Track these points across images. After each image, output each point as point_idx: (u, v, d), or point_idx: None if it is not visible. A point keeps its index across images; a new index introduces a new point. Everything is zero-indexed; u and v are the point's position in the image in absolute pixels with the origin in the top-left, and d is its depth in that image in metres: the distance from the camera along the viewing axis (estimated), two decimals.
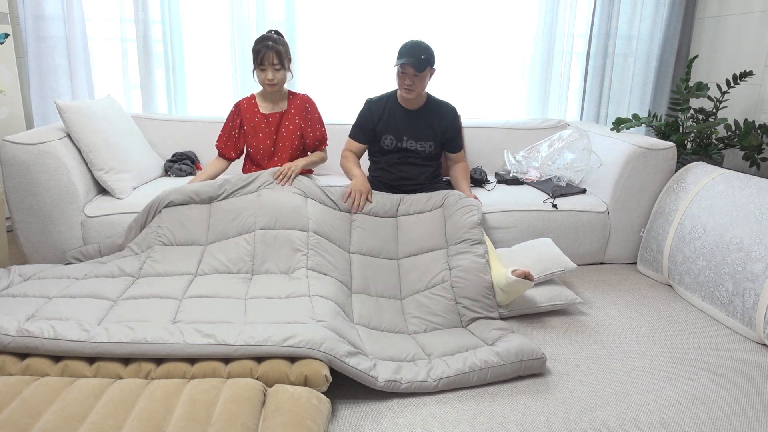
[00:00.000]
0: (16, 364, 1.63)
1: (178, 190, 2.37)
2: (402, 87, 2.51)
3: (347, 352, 1.72)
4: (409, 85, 2.47)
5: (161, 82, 3.30)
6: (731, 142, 3.11)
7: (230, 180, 2.41)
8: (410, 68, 2.42)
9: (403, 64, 2.42)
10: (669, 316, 2.36)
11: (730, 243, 2.29)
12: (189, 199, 2.35)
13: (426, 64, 2.43)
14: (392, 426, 1.61)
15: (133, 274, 2.15)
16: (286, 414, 1.46)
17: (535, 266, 2.33)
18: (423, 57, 2.41)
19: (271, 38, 2.42)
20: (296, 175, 2.47)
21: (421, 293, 2.21)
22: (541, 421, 1.66)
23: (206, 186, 2.38)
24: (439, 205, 2.48)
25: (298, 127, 2.57)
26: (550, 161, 3.08)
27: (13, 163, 2.36)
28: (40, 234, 2.46)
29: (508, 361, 1.84)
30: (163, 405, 1.46)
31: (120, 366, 1.65)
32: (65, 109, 2.48)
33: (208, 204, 2.37)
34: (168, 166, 2.95)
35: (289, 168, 2.46)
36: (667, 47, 3.64)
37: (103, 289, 2.00)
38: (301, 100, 2.60)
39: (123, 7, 3.16)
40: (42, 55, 3.06)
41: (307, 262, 2.16)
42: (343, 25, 3.39)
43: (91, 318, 1.80)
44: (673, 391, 1.83)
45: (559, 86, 3.63)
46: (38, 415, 1.41)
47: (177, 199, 2.34)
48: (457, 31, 3.49)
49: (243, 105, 2.55)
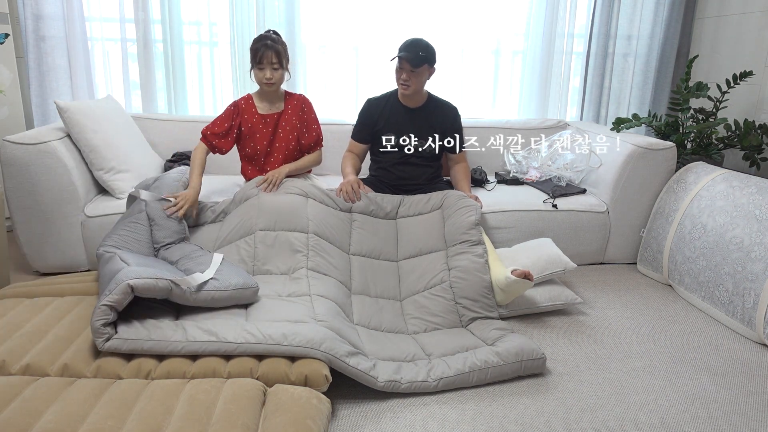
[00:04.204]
0: (17, 364, 1.63)
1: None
2: (399, 82, 2.52)
3: (347, 352, 1.72)
4: (405, 81, 2.48)
5: (161, 82, 3.30)
6: (731, 142, 3.11)
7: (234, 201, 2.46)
8: (406, 63, 2.43)
9: (399, 58, 2.44)
10: (669, 316, 2.36)
11: (730, 243, 2.29)
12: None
13: (423, 61, 2.43)
14: (392, 426, 1.61)
15: None
16: (286, 414, 1.46)
17: (535, 266, 2.33)
18: (420, 53, 2.42)
19: (269, 37, 2.42)
20: (281, 182, 2.46)
21: (420, 294, 2.21)
22: (541, 421, 1.66)
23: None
24: (438, 206, 2.48)
25: (294, 127, 2.56)
26: (550, 161, 3.08)
27: (13, 163, 2.36)
28: (40, 234, 2.46)
29: (508, 361, 1.84)
30: (163, 405, 1.46)
31: (120, 366, 1.65)
32: (65, 109, 2.48)
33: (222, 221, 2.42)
34: (168, 166, 2.95)
35: (273, 176, 2.45)
36: (667, 47, 3.64)
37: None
38: (298, 100, 2.59)
39: (123, 7, 3.16)
40: (42, 55, 3.06)
41: (307, 263, 2.16)
42: (343, 25, 3.39)
43: None
44: (673, 391, 1.82)
45: (559, 86, 3.63)
46: (38, 415, 1.40)
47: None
48: (458, 31, 3.49)
49: (241, 105, 2.54)
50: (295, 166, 2.55)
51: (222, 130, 2.49)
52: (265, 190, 2.39)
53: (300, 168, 2.58)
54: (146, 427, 1.38)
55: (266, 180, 2.43)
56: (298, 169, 2.57)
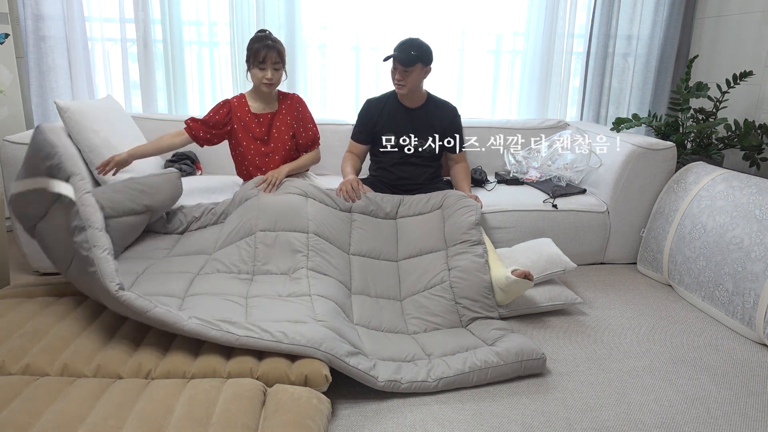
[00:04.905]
0: (17, 364, 1.63)
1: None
2: (393, 82, 2.53)
3: (347, 351, 1.72)
4: (399, 80, 2.49)
5: (161, 82, 3.30)
6: (731, 142, 3.11)
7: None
8: (398, 63, 2.45)
9: (393, 59, 2.45)
10: (669, 316, 2.36)
11: (730, 243, 2.29)
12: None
13: (415, 60, 2.43)
14: (392, 426, 1.61)
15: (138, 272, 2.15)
16: (286, 414, 1.45)
17: (535, 266, 2.33)
18: (412, 52, 2.43)
19: (269, 38, 2.42)
20: (281, 182, 2.46)
21: (420, 294, 2.21)
22: (541, 421, 1.66)
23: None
24: (438, 206, 2.48)
25: (290, 127, 2.56)
26: (550, 161, 3.08)
27: (13, 163, 2.36)
28: None
29: (508, 361, 1.84)
30: (163, 405, 1.46)
31: (120, 366, 1.65)
32: (65, 109, 2.47)
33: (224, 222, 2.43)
34: (168, 166, 2.95)
35: (273, 176, 2.45)
36: (667, 47, 3.64)
37: None
38: (292, 100, 2.59)
39: (123, 7, 3.16)
40: (42, 55, 3.06)
41: (307, 263, 2.16)
42: (343, 25, 3.39)
43: None
44: (673, 391, 1.83)
45: (559, 86, 3.63)
46: (38, 415, 1.40)
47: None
48: (457, 31, 3.49)
49: (234, 103, 2.53)
50: (294, 166, 2.55)
51: (206, 118, 2.50)
52: (265, 191, 2.39)
53: (299, 167, 2.58)
54: (146, 427, 1.38)
55: (266, 180, 2.43)
56: (297, 168, 2.57)
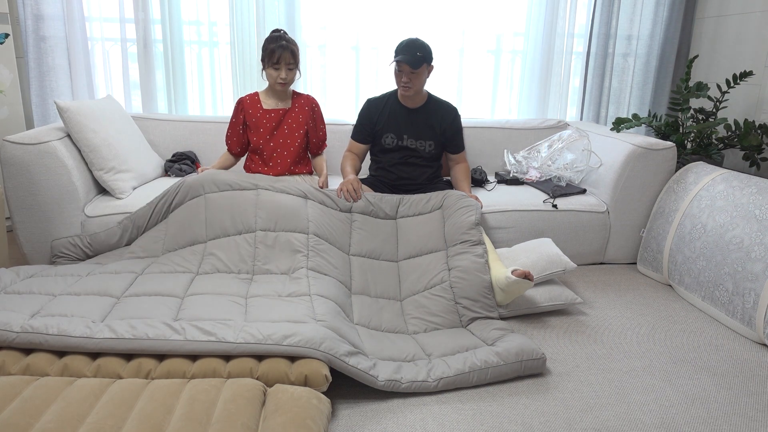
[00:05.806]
0: (17, 364, 1.63)
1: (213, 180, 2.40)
2: (399, 85, 2.52)
3: (347, 351, 1.72)
4: (406, 83, 2.49)
5: (161, 82, 3.30)
6: (731, 142, 3.11)
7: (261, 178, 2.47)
8: (406, 66, 2.44)
9: (398, 61, 2.44)
10: (669, 316, 2.36)
11: (730, 243, 2.29)
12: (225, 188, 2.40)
13: (422, 61, 2.43)
14: (392, 426, 1.61)
15: (137, 272, 2.16)
16: (286, 414, 1.46)
17: (535, 266, 2.33)
18: (418, 54, 2.42)
19: (284, 38, 2.47)
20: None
21: (420, 294, 2.21)
22: (541, 421, 1.66)
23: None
24: (438, 206, 2.48)
25: (302, 125, 2.60)
26: (550, 161, 3.08)
27: (13, 163, 2.36)
28: (40, 234, 2.46)
29: (508, 361, 1.84)
30: (163, 405, 1.46)
31: (120, 366, 1.65)
32: (65, 109, 2.48)
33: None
34: (168, 166, 2.95)
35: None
36: (667, 47, 3.64)
37: (106, 287, 2.01)
38: (306, 100, 2.64)
39: (123, 7, 3.16)
40: (42, 55, 3.06)
41: (307, 263, 2.16)
42: (343, 25, 3.39)
43: (95, 315, 1.81)
44: (673, 391, 1.83)
45: (559, 86, 3.63)
46: (38, 415, 1.40)
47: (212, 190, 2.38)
48: (457, 31, 3.49)
49: (246, 101, 2.59)
50: (325, 172, 2.66)
51: (230, 124, 2.63)
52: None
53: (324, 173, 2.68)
54: (146, 427, 1.38)
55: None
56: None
